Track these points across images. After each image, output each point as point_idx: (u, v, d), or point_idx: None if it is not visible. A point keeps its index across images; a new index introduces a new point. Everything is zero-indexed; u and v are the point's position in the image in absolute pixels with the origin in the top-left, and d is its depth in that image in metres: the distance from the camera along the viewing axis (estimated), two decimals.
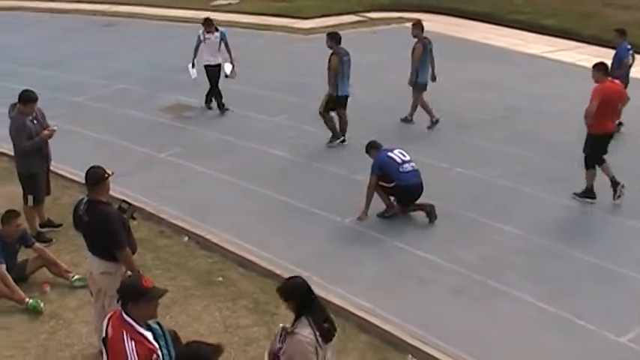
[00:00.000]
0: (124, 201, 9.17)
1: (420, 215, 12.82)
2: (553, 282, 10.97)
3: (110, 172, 8.59)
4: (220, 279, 11.01)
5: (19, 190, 12.30)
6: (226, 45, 18.18)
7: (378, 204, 12.84)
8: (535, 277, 11.06)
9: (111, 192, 8.88)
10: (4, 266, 10.37)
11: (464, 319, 10.15)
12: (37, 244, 10.97)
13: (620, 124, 15.57)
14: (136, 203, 12.45)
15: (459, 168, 14.81)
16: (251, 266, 11.33)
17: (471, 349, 9.48)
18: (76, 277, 10.65)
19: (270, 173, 14.67)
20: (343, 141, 16.02)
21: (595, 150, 13.24)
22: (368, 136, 13.85)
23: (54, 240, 11.98)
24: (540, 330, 9.86)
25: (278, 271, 10.98)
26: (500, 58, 14.68)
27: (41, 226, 12.35)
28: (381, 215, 12.83)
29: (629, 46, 16.77)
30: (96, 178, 8.56)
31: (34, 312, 10.15)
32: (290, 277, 7.42)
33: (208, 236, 12.18)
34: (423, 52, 16.97)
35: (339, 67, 15.73)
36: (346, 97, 16.06)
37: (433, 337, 9.66)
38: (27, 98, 11.69)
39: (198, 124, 17.51)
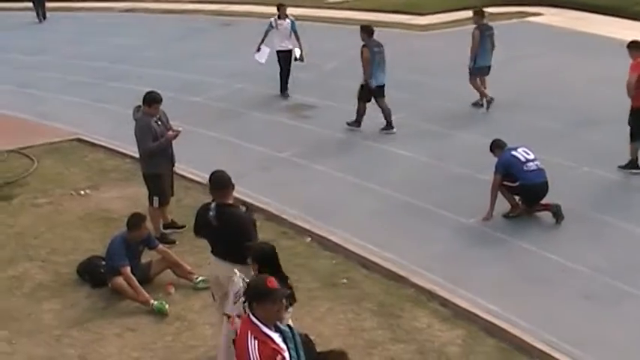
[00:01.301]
0: (243, 203, 9.13)
1: (547, 215, 12.41)
2: None
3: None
4: (344, 281, 10.88)
5: (143, 191, 12.42)
6: (295, 33, 19.18)
7: (503, 204, 12.51)
8: None
9: (234, 193, 8.85)
10: (128, 268, 10.45)
11: (593, 323, 9.80)
12: (160, 246, 11.04)
13: None
14: (257, 204, 12.62)
15: (586, 167, 14.33)
16: (374, 267, 11.15)
17: (601, 354, 9.16)
18: (200, 278, 10.65)
19: (392, 172, 14.47)
20: (387, 127, 16.62)
21: (637, 122, 13.75)
22: (493, 135, 13.50)
23: (177, 241, 12.03)
24: None
25: (402, 273, 10.82)
26: (625, 52, 14.19)
27: (165, 227, 12.42)
28: (507, 216, 12.50)
29: None
30: (223, 182, 8.53)
31: (159, 313, 10.19)
32: (261, 243, 8.10)
33: (331, 237, 12.05)
34: (481, 38, 17.60)
35: (370, 58, 16.36)
36: (381, 86, 16.59)
37: (562, 341, 9.33)
38: (152, 99, 11.76)
39: (317, 123, 17.41)
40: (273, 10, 20.10)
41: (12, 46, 27.65)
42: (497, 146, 12.82)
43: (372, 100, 16.76)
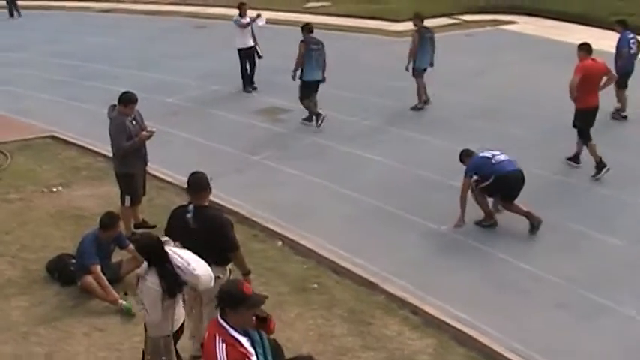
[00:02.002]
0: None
1: (520, 224, 12.39)
2: None
3: (209, 177, 8.54)
4: (315, 286, 10.86)
5: (116, 190, 12.37)
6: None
7: (476, 211, 12.53)
8: None
9: None
10: (99, 267, 10.41)
11: (565, 333, 9.82)
12: (131, 245, 10.94)
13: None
14: (229, 206, 12.59)
15: (559, 175, 14.45)
16: (346, 273, 11.14)
17: None
18: None
19: (365, 177, 14.48)
20: (316, 121, 17.28)
21: (584, 123, 14.39)
22: (466, 141, 13.55)
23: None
24: None
25: (373, 280, 10.84)
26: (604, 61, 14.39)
27: (136, 227, 12.38)
28: (479, 224, 12.51)
29: (630, 36, 17.44)
30: (201, 184, 8.50)
31: (128, 314, 10.14)
32: (145, 234, 8.57)
33: (302, 241, 12.04)
34: (421, 40, 18.18)
35: (305, 54, 17.08)
36: (316, 81, 17.35)
37: (533, 351, 9.36)
38: (127, 99, 11.73)
39: (291, 127, 17.41)
40: (252, 13, 20.17)
41: None
42: (466, 155, 12.79)
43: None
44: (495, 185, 12.30)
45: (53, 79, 22.07)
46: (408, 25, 26.66)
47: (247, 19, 20.22)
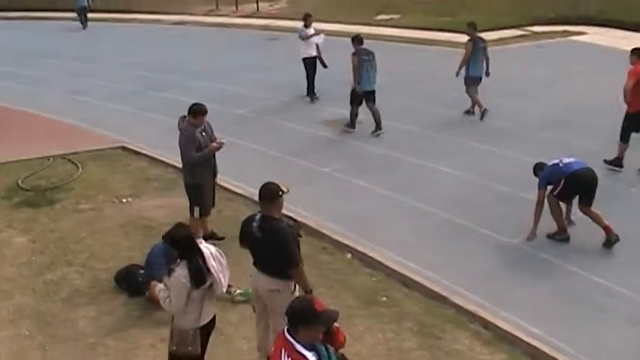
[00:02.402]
0: (290, 217, 9.00)
1: (593, 238, 12.05)
2: None
3: (285, 190, 8.44)
4: (384, 299, 10.72)
5: (185, 201, 12.38)
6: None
7: (548, 224, 12.23)
8: None
9: None
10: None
11: None
12: None
13: None
14: (298, 218, 12.48)
15: (634, 187, 14.15)
16: (415, 286, 10.97)
17: None
18: (238, 291, 10.56)
19: (434, 190, 14.31)
20: (376, 129, 17.54)
21: (628, 125, 14.73)
22: (537, 153, 13.30)
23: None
24: None
25: (444, 293, 10.64)
26: None
27: (205, 238, 12.33)
28: (552, 237, 12.23)
29: None
30: (271, 194, 8.42)
31: (247, 296, 10.08)
32: (175, 228, 8.41)
33: (371, 253, 11.90)
34: (474, 50, 18.33)
35: (358, 65, 17.28)
36: (370, 91, 17.47)
37: None
38: (197, 111, 11.75)
39: (361, 138, 17.31)
40: (322, 26, 20.25)
41: (65, 53, 28.15)
42: (539, 168, 12.57)
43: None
44: (568, 187, 12.03)
45: (125, 89, 22.37)
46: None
47: (312, 31, 20.44)
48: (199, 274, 7.93)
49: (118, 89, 22.44)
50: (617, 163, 14.79)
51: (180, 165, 12.67)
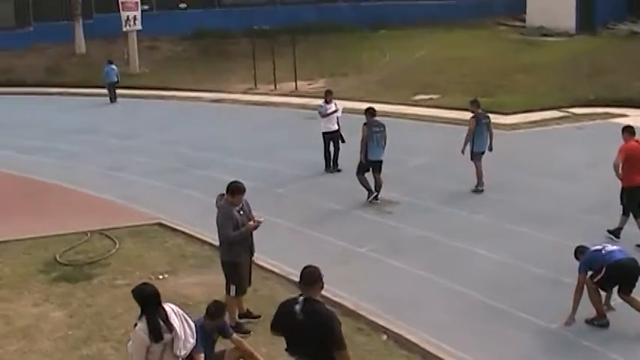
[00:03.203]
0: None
1: (633, 323, 11.85)
2: None
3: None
4: None
5: (222, 279, 12.36)
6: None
7: (587, 309, 12.04)
8: None
9: None
10: (202, 355, 10.32)
11: None
12: (235, 335, 10.88)
13: None
14: (333, 298, 12.45)
15: None
16: None
17: None
18: None
19: (472, 272, 14.19)
20: (376, 197, 18.33)
21: (628, 200, 15.35)
22: (575, 236, 13.18)
23: (252, 332, 11.90)
24: None
25: None
26: None
27: (240, 316, 12.33)
28: (590, 322, 12.03)
29: None
30: (313, 277, 8.35)
31: None
32: (143, 284, 9.22)
33: (407, 335, 11.80)
34: (477, 126, 18.97)
35: (368, 136, 18.21)
36: (378, 161, 18.32)
37: None
38: (235, 189, 11.82)
39: (398, 219, 17.25)
40: (358, 105, 20.36)
41: (103, 128, 28.51)
42: (580, 252, 12.43)
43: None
44: (609, 276, 11.85)
45: (162, 166, 22.57)
46: (518, 118, 26.71)
47: (333, 107, 21.25)
48: (157, 329, 8.40)
49: (156, 166, 22.64)
50: (615, 234, 15.32)
51: (217, 243, 12.71)
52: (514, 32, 42.23)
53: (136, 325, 8.64)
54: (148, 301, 8.65)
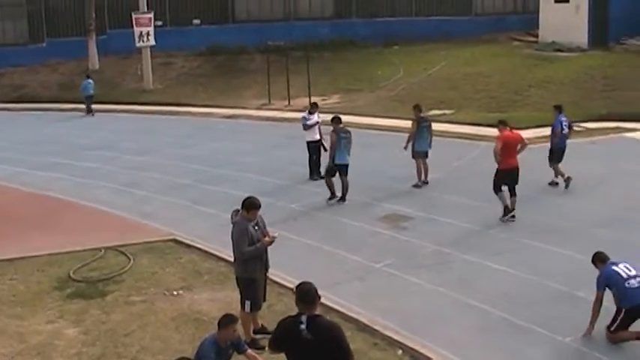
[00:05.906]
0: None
1: None
2: None
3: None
4: None
5: (236, 295, 12.36)
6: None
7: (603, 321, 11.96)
8: None
9: (326, 301, 8.66)
10: None
11: None
12: (249, 351, 10.83)
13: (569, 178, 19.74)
14: (349, 313, 12.41)
15: None
16: None
17: None
18: None
19: (488, 287, 14.12)
20: (340, 199, 19.74)
21: (498, 180, 17.75)
22: (590, 251, 13.04)
23: (267, 348, 11.84)
24: None
25: None
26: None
27: (255, 332, 12.29)
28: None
29: (563, 119, 20.54)
30: (311, 295, 8.33)
31: None
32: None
33: (423, 350, 11.75)
34: (418, 128, 20.79)
35: (336, 142, 19.53)
36: (344, 165, 19.63)
37: None
38: (251, 205, 11.82)
39: (414, 234, 17.18)
40: (366, 120, 20.42)
41: (117, 145, 28.59)
42: (599, 259, 12.33)
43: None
44: (629, 317, 11.72)
45: (177, 182, 22.60)
46: (531, 133, 26.56)
47: (315, 119, 22.62)
48: None
49: (170, 182, 22.67)
50: (506, 212, 17.58)
51: (231, 258, 12.69)
52: (528, 48, 42.11)
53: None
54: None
